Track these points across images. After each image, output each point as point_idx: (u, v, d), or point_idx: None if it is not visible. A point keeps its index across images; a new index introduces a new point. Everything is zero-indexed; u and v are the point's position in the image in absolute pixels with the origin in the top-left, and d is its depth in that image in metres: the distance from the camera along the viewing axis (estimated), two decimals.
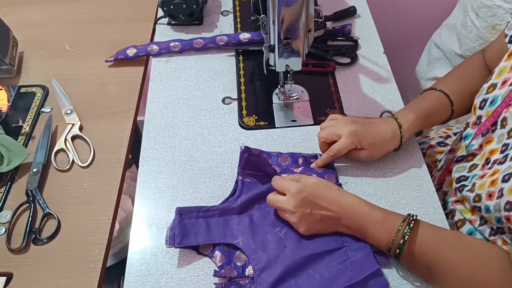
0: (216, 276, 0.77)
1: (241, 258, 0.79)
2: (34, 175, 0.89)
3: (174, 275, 0.77)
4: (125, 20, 1.24)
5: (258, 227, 0.81)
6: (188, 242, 0.78)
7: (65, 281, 0.77)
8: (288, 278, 0.75)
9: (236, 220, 0.82)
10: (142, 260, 0.80)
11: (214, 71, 1.09)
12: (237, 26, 1.20)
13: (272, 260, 0.77)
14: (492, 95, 0.84)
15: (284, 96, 1.00)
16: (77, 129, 0.98)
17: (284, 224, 0.81)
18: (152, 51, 1.12)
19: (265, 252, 0.78)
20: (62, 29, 1.22)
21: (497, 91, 0.83)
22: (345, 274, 0.74)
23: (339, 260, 0.77)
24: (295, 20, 0.83)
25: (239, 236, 0.80)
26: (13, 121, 1.00)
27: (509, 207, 0.72)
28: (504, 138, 0.80)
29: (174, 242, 0.77)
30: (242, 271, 0.77)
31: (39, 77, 1.10)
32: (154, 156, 0.94)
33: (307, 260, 0.77)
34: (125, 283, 0.77)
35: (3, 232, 0.83)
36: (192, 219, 0.81)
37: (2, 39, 1.08)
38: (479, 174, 0.84)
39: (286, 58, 0.89)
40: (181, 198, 0.87)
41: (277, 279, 0.74)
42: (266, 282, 0.74)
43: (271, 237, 0.80)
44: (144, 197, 0.88)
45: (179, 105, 1.03)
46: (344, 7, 1.21)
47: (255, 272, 0.76)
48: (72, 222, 0.85)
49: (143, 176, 0.91)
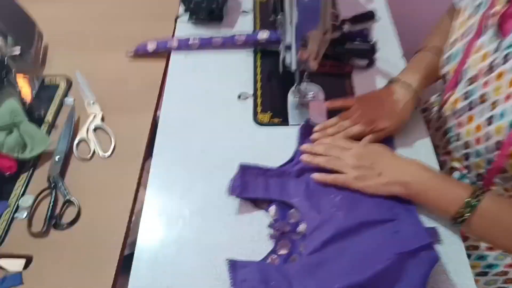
0: (270, 228, 0.82)
1: (295, 216, 0.84)
2: (56, 163, 0.92)
3: (181, 264, 0.80)
4: (148, 17, 1.27)
5: (314, 192, 0.85)
6: (247, 195, 0.85)
7: (84, 266, 0.80)
8: (338, 240, 0.78)
9: (293, 183, 0.87)
10: (151, 248, 0.82)
11: (231, 68, 1.12)
12: (256, 25, 1.22)
13: (325, 221, 0.80)
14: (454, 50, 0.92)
15: (300, 94, 1.02)
16: (99, 120, 1.01)
17: (339, 192, 0.84)
18: (171, 46, 1.14)
19: (318, 214, 0.82)
20: (86, 24, 1.26)
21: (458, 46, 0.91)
22: (395, 244, 0.75)
23: (390, 231, 0.78)
24: (312, 21, 0.84)
25: (295, 196, 0.85)
26: (36, 111, 1.03)
27: (499, 146, 0.78)
28: (466, 86, 0.87)
29: (234, 192, 0.84)
30: (295, 228, 0.82)
31: (63, 70, 1.13)
32: (168, 148, 0.96)
33: (358, 226, 0.79)
34: (132, 269, 0.80)
35: (25, 216, 0.86)
36: (252, 176, 0.87)
37: (28, 32, 1.12)
38: (454, 123, 0.92)
39: (302, 58, 0.90)
40: (192, 190, 0.89)
41: (327, 239, 0.77)
42: (317, 240, 0.78)
43: (325, 202, 0.84)
44: (156, 187, 0.90)
45: (195, 99, 1.05)
46: (364, 11, 1.22)
47: (308, 230, 0.80)
48: (91, 209, 0.87)
49: (156, 167, 0.93)
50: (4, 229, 0.84)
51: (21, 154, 0.91)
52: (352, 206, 0.82)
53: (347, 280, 0.71)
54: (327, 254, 0.76)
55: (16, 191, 0.89)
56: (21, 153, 0.91)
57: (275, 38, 1.13)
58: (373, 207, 0.82)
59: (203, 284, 0.77)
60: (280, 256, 0.80)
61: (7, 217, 0.85)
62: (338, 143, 0.89)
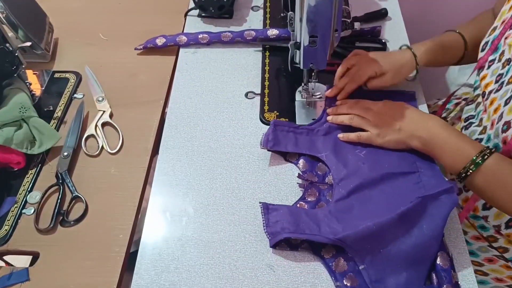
0: (299, 178, 0.89)
1: (322, 168, 0.91)
2: (64, 158, 0.93)
3: (184, 261, 0.80)
4: (158, 11, 1.27)
5: (341, 147, 0.93)
6: (278, 148, 0.92)
7: (90, 263, 0.81)
8: (363, 189, 0.85)
9: (321, 140, 0.94)
10: (155, 244, 0.83)
11: (240, 65, 1.12)
12: (266, 22, 1.21)
13: (351, 173, 0.87)
14: (492, 36, 0.92)
15: (307, 94, 1.02)
16: (107, 116, 1.01)
17: (364, 147, 0.92)
18: (180, 41, 1.14)
19: (345, 167, 0.89)
20: (97, 17, 1.26)
21: (497, 31, 0.91)
22: (417, 191, 0.82)
23: (413, 181, 0.86)
24: (322, 19, 0.83)
25: (323, 151, 0.92)
26: (46, 105, 1.04)
27: (506, 127, 0.80)
28: (499, 70, 0.88)
29: (267, 145, 0.91)
30: (323, 179, 0.90)
31: (73, 63, 1.13)
32: (174, 144, 0.96)
33: (382, 177, 0.86)
34: (136, 266, 0.80)
35: (32, 212, 0.86)
36: (283, 132, 0.94)
37: (39, 24, 1.12)
38: (482, 109, 0.93)
39: (311, 56, 0.90)
40: (197, 188, 0.90)
41: (353, 188, 0.85)
42: (344, 189, 0.85)
43: (352, 156, 0.91)
44: (162, 184, 0.91)
45: (203, 96, 1.05)
46: (376, 9, 1.21)
47: (335, 180, 0.87)
48: (99, 206, 0.88)
49: (162, 163, 0.94)
50: (11, 225, 0.84)
51: (30, 149, 0.92)
52: (377, 160, 0.89)
53: (371, 221, 0.77)
54: (352, 202, 0.84)
55: (24, 186, 0.90)
56: (30, 148, 0.92)
57: (284, 35, 1.12)
58: (397, 161, 0.89)
59: (207, 281, 0.78)
60: (308, 203, 0.86)
61: (15, 213, 0.86)
62: (360, 104, 0.95)
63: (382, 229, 0.77)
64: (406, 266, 0.77)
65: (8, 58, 0.96)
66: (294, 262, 0.80)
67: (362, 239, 0.77)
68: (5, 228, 0.84)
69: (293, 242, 0.82)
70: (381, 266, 0.77)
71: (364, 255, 0.77)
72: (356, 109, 0.94)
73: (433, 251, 0.78)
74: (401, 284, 0.76)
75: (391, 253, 0.77)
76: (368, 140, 0.91)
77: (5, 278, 0.78)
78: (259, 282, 0.78)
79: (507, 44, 0.87)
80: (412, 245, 0.77)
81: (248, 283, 0.78)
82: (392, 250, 0.77)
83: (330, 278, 0.78)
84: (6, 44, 0.95)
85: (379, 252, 0.77)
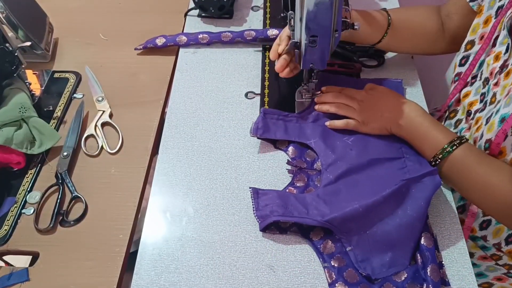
0: (288, 164, 0.92)
1: (311, 155, 0.94)
2: (64, 158, 0.93)
3: (184, 261, 0.80)
4: (158, 11, 1.27)
5: (329, 134, 0.94)
6: (268, 135, 0.94)
7: (90, 263, 0.80)
8: (350, 174, 0.87)
9: (310, 127, 0.96)
10: (155, 245, 0.83)
11: (240, 65, 1.11)
12: (266, 22, 1.21)
13: (339, 158, 0.90)
14: (472, 51, 0.93)
15: (307, 94, 1.01)
16: (107, 116, 1.01)
17: (351, 134, 0.94)
18: (180, 41, 1.14)
19: (333, 153, 0.91)
20: (97, 17, 1.26)
21: (476, 46, 0.92)
22: (402, 176, 0.84)
23: (398, 166, 0.88)
24: (322, 19, 0.83)
25: (312, 138, 0.94)
26: (45, 105, 1.04)
27: (488, 145, 0.80)
28: (481, 88, 0.89)
29: (257, 133, 0.93)
30: (311, 165, 0.92)
31: (73, 63, 1.13)
32: (174, 144, 0.96)
33: (369, 162, 0.88)
34: (136, 266, 0.80)
35: (32, 212, 0.86)
36: (273, 120, 0.96)
37: (39, 24, 1.12)
38: (465, 126, 0.93)
39: (311, 56, 0.90)
40: (197, 188, 0.90)
41: (341, 173, 0.87)
42: (332, 174, 0.87)
43: (340, 142, 0.93)
44: (161, 184, 0.91)
45: (203, 96, 1.05)
46: (376, 9, 1.20)
47: (323, 166, 0.89)
48: (98, 206, 0.88)
49: (161, 163, 0.94)
50: (11, 225, 0.84)
51: (29, 149, 0.92)
52: (364, 146, 0.91)
53: (358, 203, 0.79)
54: (340, 186, 0.86)
55: (24, 186, 0.90)
56: (29, 148, 0.92)
57: None
58: (383, 147, 0.91)
59: (207, 281, 0.78)
60: (297, 188, 0.88)
61: (15, 213, 0.86)
62: (344, 92, 0.97)
63: (367, 211, 0.79)
64: (391, 246, 0.80)
65: (8, 58, 0.96)
66: (294, 262, 0.80)
67: (349, 220, 0.79)
68: (5, 228, 0.84)
69: (282, 225, 0.84)
70: (367, 247, 0.80)
71: (351, 236, 0.80)
72: (341, 98, 0.96)
73: (417, 232, 0.80)
74: (386, 264, 0.79)
75: (376, 234, 0.80)
76: (355, 128, 0.93)
77: (5, 278, 0.78)
78: (259, 282, 0.78)
79: (485, 62, 0.88)
80: (396, 226, 0.80)
81: (248, 283, 0.78)
82: (377, 231, 0.80)
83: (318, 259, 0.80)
84: (6, 44, 0.95)
85: (365, 233, 0.80)
